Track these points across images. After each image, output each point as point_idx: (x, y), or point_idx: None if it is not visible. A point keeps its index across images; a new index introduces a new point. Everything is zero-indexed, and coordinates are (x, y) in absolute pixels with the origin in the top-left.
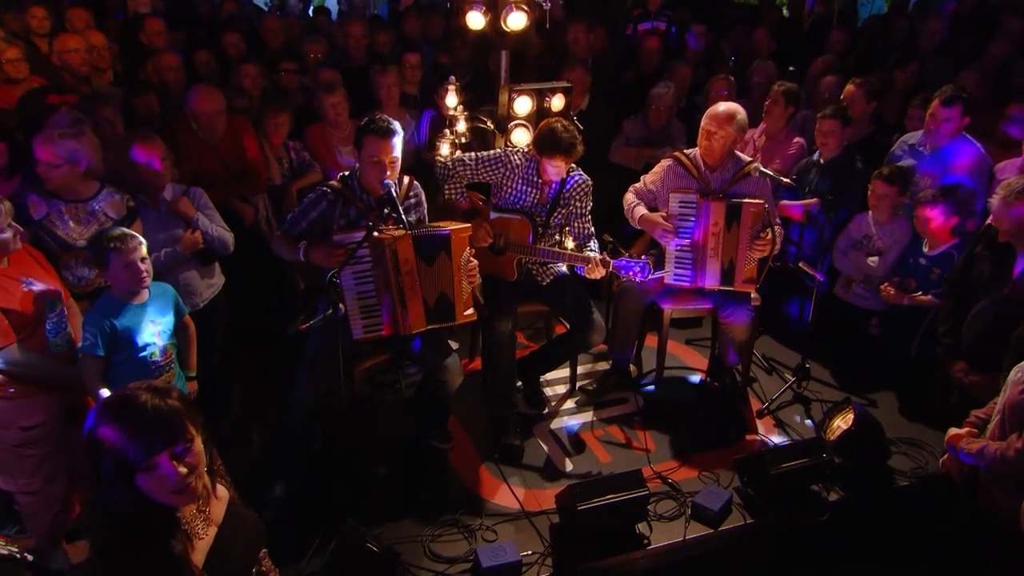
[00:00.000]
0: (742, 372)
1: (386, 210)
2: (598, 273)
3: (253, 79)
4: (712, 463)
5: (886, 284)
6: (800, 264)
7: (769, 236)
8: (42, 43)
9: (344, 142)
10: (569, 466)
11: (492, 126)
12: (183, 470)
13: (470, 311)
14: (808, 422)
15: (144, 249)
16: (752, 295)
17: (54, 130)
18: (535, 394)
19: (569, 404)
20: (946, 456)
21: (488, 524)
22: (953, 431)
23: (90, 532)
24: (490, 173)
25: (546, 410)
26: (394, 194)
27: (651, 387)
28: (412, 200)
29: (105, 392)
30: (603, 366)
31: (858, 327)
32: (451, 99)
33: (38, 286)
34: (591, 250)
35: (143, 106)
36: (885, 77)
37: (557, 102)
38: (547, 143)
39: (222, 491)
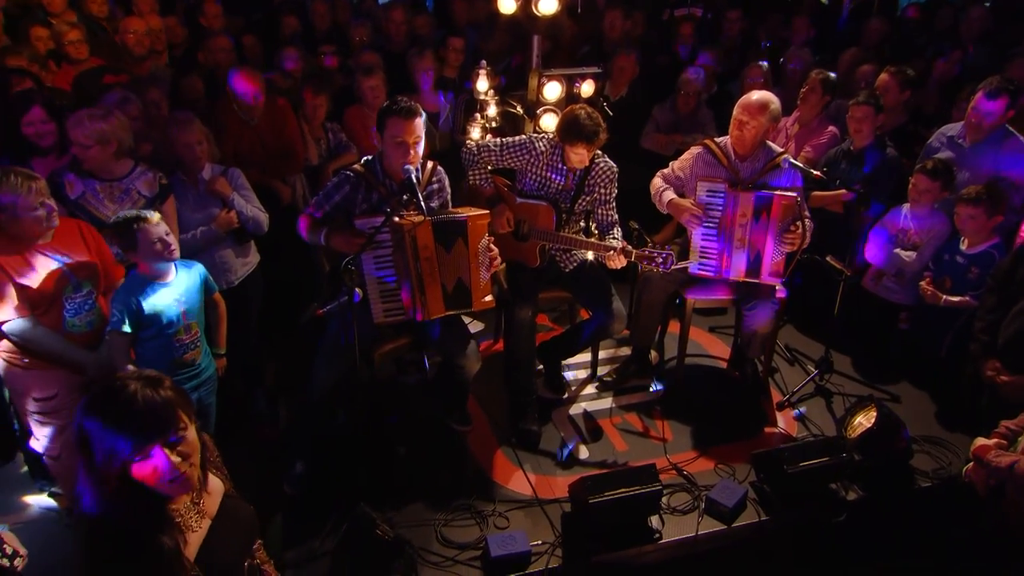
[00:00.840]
0: (764, 363)
1: (404, 196)
2: (618, 263)
3: (295, 61)
4: (729, 456)
5: (925, 282)
6: (828, 258)
7: (799, 229)
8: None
9: None
10: (585, 454)
11: (522, 111)
12: (176, 459)
13: (488, 298)
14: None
15: (166, 224)
16: (777, 287)
17: (84, 112)
18: (556, 379)
19: (589, 389)
20: (971, 466)
21: (501, 511)
22: (981, 441)
23: (77, 527)
24: (515, 159)
25: (566, 395)
26: (414, 180)
27: (672, 375)
28: (435, 185)
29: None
30: (625, 351)
31: (886, 321)
32: (482, 83)
33: (67, 265)
34: (614, 238)
35: (189, 88)
36: (922, 67)
37: (587, 88)
38: (570, 130)
39: (217, 483)
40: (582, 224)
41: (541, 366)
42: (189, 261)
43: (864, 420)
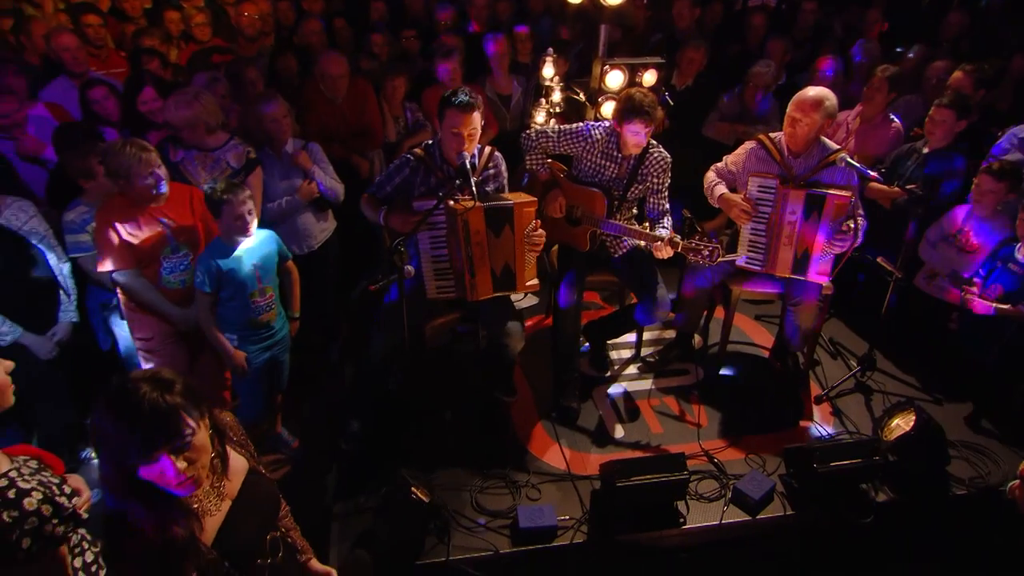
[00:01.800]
0: (806, 356)
1: (457, 181)
2: (666, 253)
3: (380, 45)
4: (761, 446)
5: (970, 288)
6: (879, 259)
7: (851, 230)
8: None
9: None
10: (620, 433)
11: (584, 98)
12: (182, 464)
13: (532, 281)
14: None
15: (251, 201)
16: (825, 285)
17: (172, 100)
18: (600, 358)
19: (631, 370)
20: (1016, 483)
21: (534, 482)
22: None
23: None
24: (571, 146)
25: (608, 374)
26: (467, 167)
27: (713, 362)
28: (491, 171)
29: (223, 339)
30: (670, 334)
31: (936, 321)
32: (548, 70)
33: (170, 228)
34: (663, 227)
35: (284, 67)
36: (1000, 64)
37: (649, 77)
38: (625, 108)
39: (240, 463)
40: (634, 211)
41: (587, 344)
42: (266, 230)
43: (903, 423)
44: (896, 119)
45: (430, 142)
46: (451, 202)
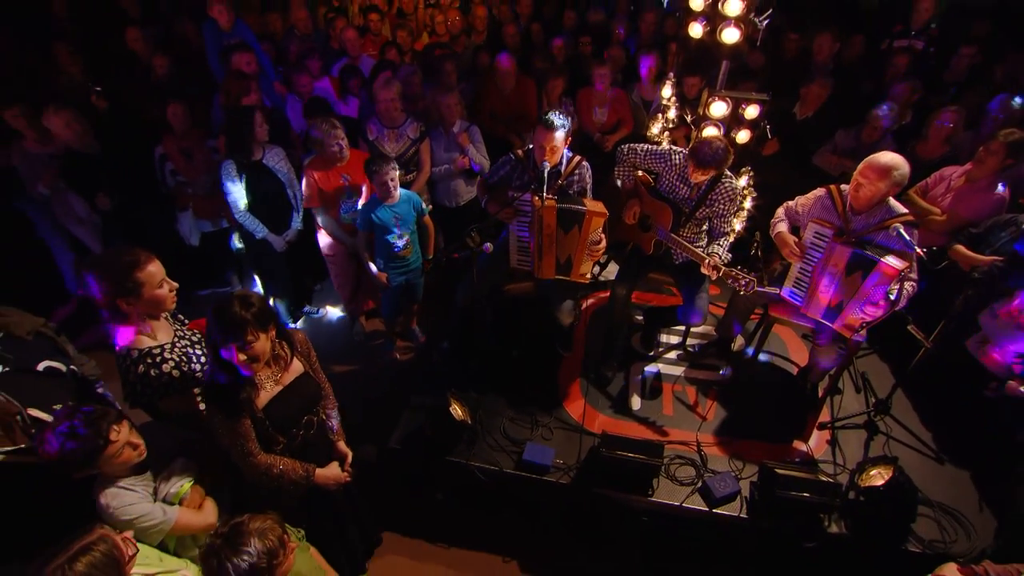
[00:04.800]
0: (828, 384)
1: (532, 186)
2: (710, 273)
3: (559, 49)
4: (749, 452)
5: (1014, 382)
6: (910, 327)
7: (890, 301)
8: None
9: (600, 103)
10: (637, 405)
11: (690, 120)
12: (243, 357)
13: (586, 274)
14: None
15: (395, 171)
16: (862, 330)
17: (377, 83)
18: (649, 339)
19: (672, 355)
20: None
21: (552, 426)
22: (951, 567)
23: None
24: (654, 164)
25: (652, 353)
26: (545, 176)
27: (742, 365)
28: (575, 176)
29: (371, 263)
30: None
31: (975, 384)
32: (666, 90)
33: (348, 182)
34: (719, 246)
35: (479, 62)
36: None
37: (751, 111)
38: (691, 152)
39: (297, 366)
40: (705, 227)
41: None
42: (408, 191)
43: (879, 475)
44: (1002, 187)
45: (531, 146)
46: (536, 198)
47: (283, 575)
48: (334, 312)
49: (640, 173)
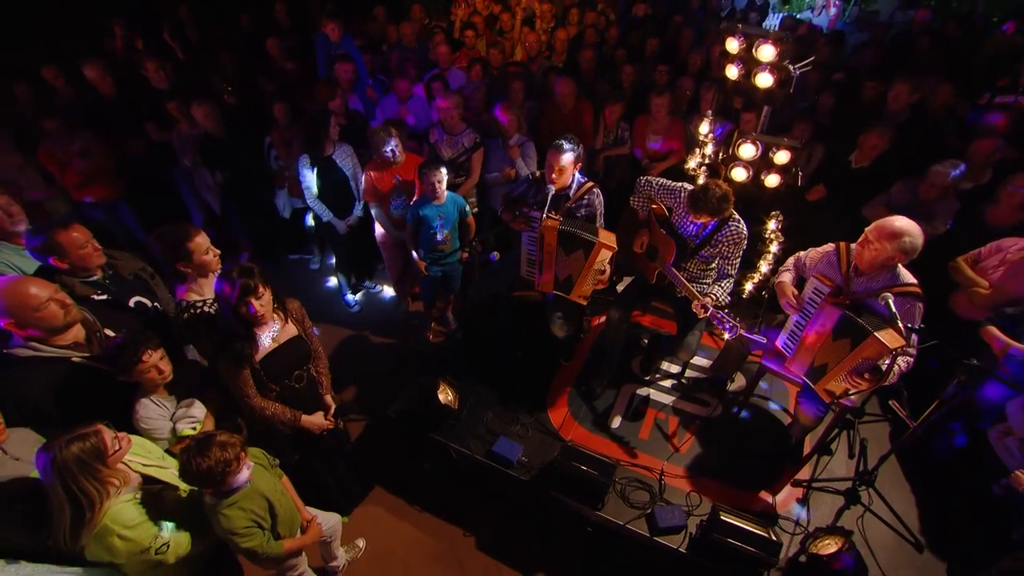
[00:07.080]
0: (818, 443)
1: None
2: (700, 312)
3: (629, 75)
4: (709, 491)
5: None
6: (892, 402)
7: (875, 377)
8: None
9: (655, 132)
10: (615, 424)
11: (721, 158)
12: (257, 303)
13: (585, 296)
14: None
15: (443, 174)
16: (842, 398)
17: (436, 94)
18: (649, 363)
19: (666, 383)
20: None
21: (531, 426)
22: None
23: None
24: (666, 199)
25: (647, 378)
26: (549, 197)
27: (732, 404)
28: (584, 201)
29: (415, 253)
30: None
31: (985, 477)
32: (704, 127)
33: (399, 181)
34: (721, 287)
35: (550, 82)
36: None
37: (782, 156)
38: (691, 194)
39: (291, 329)
40: (713, 265)
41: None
42: (453, 194)
43: (828, 545)
44: None
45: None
46: (544, 215)
47: (235, 482)
48: (389, 291)
49: (655, 205)
